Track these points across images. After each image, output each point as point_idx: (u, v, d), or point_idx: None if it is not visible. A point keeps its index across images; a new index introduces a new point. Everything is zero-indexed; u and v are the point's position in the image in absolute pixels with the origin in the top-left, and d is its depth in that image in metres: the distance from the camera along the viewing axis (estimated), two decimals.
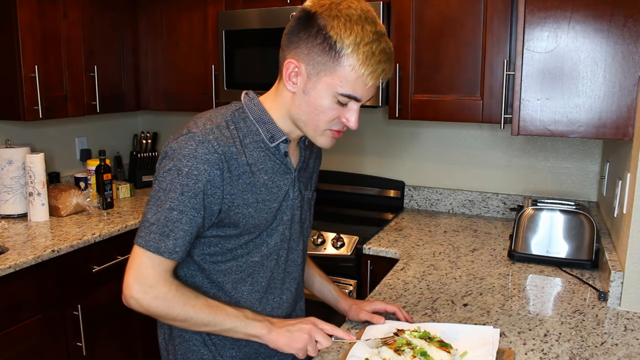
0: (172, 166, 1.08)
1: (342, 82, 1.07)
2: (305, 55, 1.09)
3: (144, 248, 1.09)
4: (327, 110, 1.11)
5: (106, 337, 2.45)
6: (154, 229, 1.08)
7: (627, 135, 1.68)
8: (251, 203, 1.15)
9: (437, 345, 1.23)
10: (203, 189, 1.08)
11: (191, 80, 2.89)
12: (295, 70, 1.10)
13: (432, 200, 2.79)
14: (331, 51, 1.06)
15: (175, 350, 1.28)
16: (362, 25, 1.06)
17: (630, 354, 1.35)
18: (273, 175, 1.18)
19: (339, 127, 1.15)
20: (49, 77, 2.49)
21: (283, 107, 1.16)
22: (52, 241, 2.21)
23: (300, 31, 1.09)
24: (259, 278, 1.23)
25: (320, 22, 1.06)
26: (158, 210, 1.09)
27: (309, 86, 1.10)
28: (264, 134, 1.17)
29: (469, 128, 2.68)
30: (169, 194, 1.08)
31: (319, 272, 1.53)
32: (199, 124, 1.12)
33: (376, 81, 1.09)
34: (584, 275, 1.88)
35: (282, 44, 1.13)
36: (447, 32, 2.29)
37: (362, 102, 1.12)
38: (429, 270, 1.92)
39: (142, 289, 1.09)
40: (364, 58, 1.05)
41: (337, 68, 1.07)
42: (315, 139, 1.16)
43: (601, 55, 1.69)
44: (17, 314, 2.03)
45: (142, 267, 1.09)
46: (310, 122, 1.13)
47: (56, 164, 2.91)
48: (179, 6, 2.85)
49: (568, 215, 1.98)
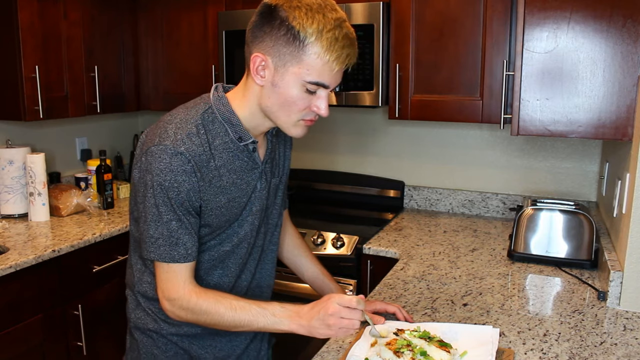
0: (153, 182, 1.12)
1: (309, 71, 1.10)
2: (271, 48, 1.10)
3: (159, 261, 1.16)
4: (297, 100, 1.13)
5: (106, 337, 2.46)
6: (161, 243, 1.15)
7: (627, 136, 1.69)
8: (223, 204, 1.20)
9: (436, 345, 1.23)
10: (186, 197, 1.14)
11: (191, 81, 2.89)
12: (262, 64, 1.12)
13: (432, 200, 2.79)
14: (295, 41, 1.08)
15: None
16: (323, 13, 1.08)
17: (630, 353, 1.36)
18: (241, 173, 1.22)
19: (311, 117, 1.17)
20: (50, 77, 2.49)
21: (252, 101, 1.18)
22: (52, 241, 2.22)
23: (264, 25, 1.11)
24: (229, 264, 1.27)
25: (282, 14, 1.08)
26: (157, 225, 1.14)
27: (277, 78, 1.12)
28: (232, 135, 1.19)
29: (468, 128, 2.68)
30: (161, 208, 1.13)
31: (322, 270, 1.55)
32: (170, 133, 1.14)
33: (342, 66, 1.11)
34: (583, 275, 1.88)
35: (247, 40, 1.15)
36: (447, 33, 2.29)
37: (330, 89, 1.14)
38: (429, 270, 1.93)
39: (169, 303, 1.17)
40: (328, 44, 1.08)
41: (303, 57, 1.09)
42: (289, 130, 1.19)
43: (600, 55, 1.69)
44: (18, 314, 2.04)
45: (163, 281, 1.17)
46: (282, 113, 1.15)
47: (57, 164, 2.92)
48: (179, 6, 2.86)
49: (567, 215, 1.98)
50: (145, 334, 1.31)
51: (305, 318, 1.15)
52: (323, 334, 1.15)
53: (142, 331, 1.31)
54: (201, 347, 1.30)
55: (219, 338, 1.31)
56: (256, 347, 1.41)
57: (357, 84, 2.39)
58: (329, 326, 1.13)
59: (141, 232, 1.17)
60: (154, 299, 1.26)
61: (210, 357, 1.31)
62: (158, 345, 1.30)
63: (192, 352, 1.30)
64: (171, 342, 1.29)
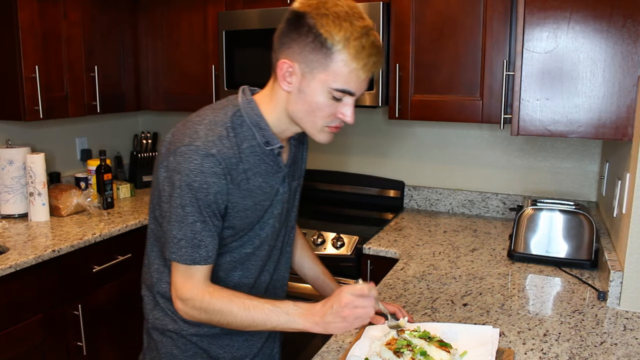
0: (182, 182, 1.12)
1: (335, 78, 1.10)
2: (298, 55, 1.11)
3: (179, 262, 1.16)
4: (323, 107, 1.14)
5: (106, 337, 2.46)
6: (183, 244, 1.14)
7: (627, 136, 1.69)
8: (249, 207, 1.20)
9: (436, 345, 1.23)
10: (214, 199, 1.14)
11: (191, 81, 2.89)
12: (289, 70, 1.13)
13: (432, 200, 2.79)
14: (323, 48, 1.09)
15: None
16: (350, 21, 1.08)
17: (630, 353, 1.36)
18: (266, 177, 1.22)
19: (336, 123, 1.18)
20: (50, 78, 2.49)
21: (279, 107, 1.19)
22: (52, 241, 2.22)
23: (291, 32, 1.12)
24: (250, 266, 1.28)
25: (310, 22, 1.09)
26: (182, 225, 1.14)
27: (303, 84, 1.13)
28: (260, 139, 1.20)
29: (468, 128, 2.68)
30: (187, 209, 1.13)
31: (323, 270, 1.56)
32: (201, 134, 1.14)
33: (368, 74, 1.12)
34: (583, 275, 1.88)
35: (274, 46, 1.16)
36: (447, 32, 2.29)
37: (356, 96, 1.15)
38: (429, 270, 1.93)
39: (183, 302, 1.17)
40: (355, 52, 1.08)
41: (330, 64, 1.10)
42: (314, 135, 1.19)
43: (600, 55, 1.69)
44: (18, 314, 2.04)
45: (179, 281, 1.17)
46: (308, 119, 1.16)
47: (57, 164, 2.92)
48: (179, 6, 2.86)
49: (567, 215, 1.98)
50: (164, 334, 1.31)
51: (319, 315, 1.14)
52: (339, 328, 1.14)
53: (160, 332, 1.31)
54: (220, 346, 1.31)
55: (236, 338, 1.32)
56: (270, 346, 1.43)
57: None
58: (344, 318, 1.12)
59: (164, 231, 1.17)
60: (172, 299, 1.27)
61: (229, 356, 1.33)
62: (178, 346, 1.30)
63: (211, 352, 1.31)
64: (191, 342, 1.30)
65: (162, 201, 1.17)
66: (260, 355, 1.39)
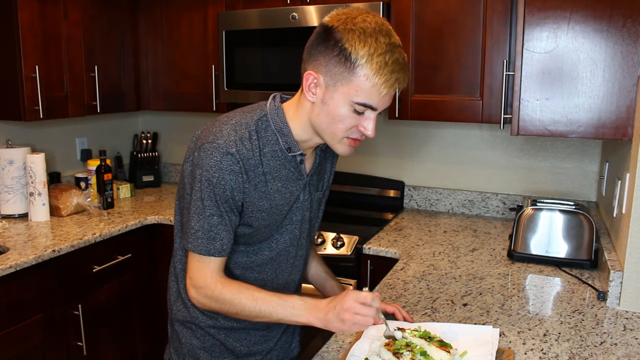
0: (202, 176, 1.18)
1: (357, 92, 1.13)
2: (324, 67, 1.15)
3: (195, 252, 1.21)
4: (344, 119, 1.17)
5: (106, 337, 2.46)
6: (200, 235, 1.20)
7: (627, 136, 1.69)
8: (266, 209, 1.24)
9: (436, 345, 1.23)
10: (230, 195, 1.19)
11: (191, 81, 2.89)
12: (314, 82, 1.17)
13: (432, 200, 2.79)
14: (347, 62, 1.12)
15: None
16: (375, 37, 1.12)
17: (630, 353, 1.36)
18: (286, 182, 1.26)
19: (356, 136, 1.21)
20: (50, 77, 2.49)
21: (304, 116, 1.23)
22: (52, 241, 2.22)
23: (319, 45, 1.16)
24: (267, 269, 1.33)
25: (337, 36, 1.13)
26: (200, 217, 1.20)
27: (327, 96, 1.17)
28: (282, 144, 1.24)
29: (468, 128, 2.68)
30: (205, 202, 1.19)
31: (325, 269, 1.58)
32: (224, 133, 1.19)
33: (390, 90, 1.14)
34: (583, 275, 1.88)
35: (304, 57, 1.20)
36: (447, 33, 2.29)
37: (378, 111, 1.18)
38: (429, 270, 1.93)
39: (196, 290, 1.24)
40: (377, 68, 1.11)
41: (353, 78, 1.13)
42: (334, 146, 1.23)
43: (600, 55, 1.69)
44: (18, 314, 2.04)
45: (193, 270, 1.23)
46: (329, 130, 1.20)
47: (57, 164, 2.92)
48: (179, 6, 2.86)
49: (567, 215, 1.98)
50: (184, 325, 1.36)
51: (322, 311, 1.18)
52: (337, 328, 1.18)
53: (181, 322, 1.37)
54: (236, 339, 1.35)
55: (254, 332, 1.36)
56: (287, 340, 1.46)
57: None
58: (343, 321, 1.16)
59: (184, 222, 1.23)
60: None
61: (245, 349, 1.37)
62: (197, 337, 1.35)
63: (228, 345, 1.35)
64: (208, 334, 1.35)
65: (185, 192, 1.23)
66: (278, 349, 1.43)
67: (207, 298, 1.23)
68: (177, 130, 3.42)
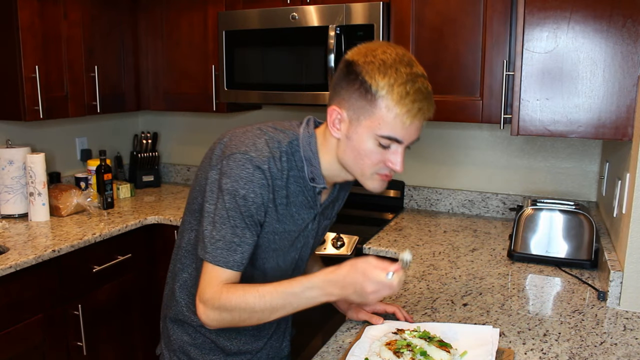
0: (230, 187, 1.15)
1: (380, 124, 1.11)
2: (346, 102, 1.14)
3: (213, 263, 1.16)
4: (370, 154, 1.15)
5: (106, 337, 2.46)
6: (220, 245, 1.16)
7: (627, 136, 1.69)
8: (279, 232, 1.23)
9: (436, 345, 1.23)
10: (256, 211, 1.16)
11: (191, 81, 2.89)
12: (338, 117, 1.16)
13: (432, 200, 2.79)
14: (367, 95, 1.11)
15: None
16: (396, 68, 1.10)
17: (630, 353, 1.36)
18: (300, 209, 1.25)
19: (385, 172, 1.18)
20: (50, 77, 2.49)
21: (332, 152, 1.21)
22: (52, 241, 2.22)
23: (342, 80, 1.15)
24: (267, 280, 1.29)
25: (357, 69, 1.12)
26: (222, 227, 1.16)
27: (351, 131, 1.15)
28: (307, 174, 1.22)
29: (468, 128, 2.68)
30: (230, 212, 1.15)
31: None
32: (258, 147, 1.16)
33: (414, 120, 1.11)
34: (583, 275, 1.88)
35: (329, 95, 1.19)
36: (447, 33, 2.29)
37: (405, 144, 1.15)
38: (429, 270, 1.93)
39: (204, 305, 1.18)
40: (398, 98, 1.09)
41: (375, 110, 1.11)
42: (364, 183, 1.21)
43: (600, 55, 1.69)
44: (18, 314, 2.04)
45: (204, 282, 1.18)
46: (356, 166, 1.18)
47: (57, 164, 2.92)
48: (179, 7, 2.86)
49: (567, 215, 1.98)
50: (176, 322, 1.37)
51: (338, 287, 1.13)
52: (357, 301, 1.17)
53: (173, 320, 1.37)
54: (227, 338, 1.35)
55: (244, 331, 1.36)
56: (278, 339, 1.46)
57: None
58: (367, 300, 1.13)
59: (202, 230, 1.19)
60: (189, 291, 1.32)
61: (235, 348, 1.36)
62: (188, 333, 1.35)
63: (219, 343, 1.35)
64: (199, 333, 1.34)
65: (206, 201, 1.19)
66: (268, 348, 1.43)
67: (215, 310, 1.17)
68: (177, 130, 3.42)
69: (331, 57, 2.35)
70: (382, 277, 1.10)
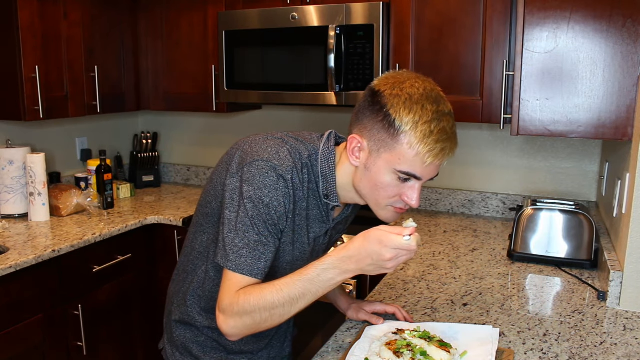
0: (252, 194, 1.13)
1: (400, 160, 1.10)
2: (368, 132, 1.13)
3: (236, 272, 1.13)
4: (387, 187, 1.14)
5: (106, 337, 2.46)
6: (244, 253, 1.13)
7: (627, 136, 1.69)
8: (291, 242, 1.22)
9: (436, 345, 1.23)
10: (278, 219, 1.15)
11: (191, 81, 2.89)
12: (358, 146, 1.15)
13: (431, 200, 2.79)
14: (390, 129, 1.09)
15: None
16: (422, 104, 1.08)
17: (630, 353, 1.36)
18: (313, 222, 1.24)
19: (401, 205, 1.18)
20: (50, 77, 2.49)
21: (348, 176, 1.19)
22: (52, 241, 2.22)
23: (366, 109, 1.13)
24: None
25: (383, 101, 1.10)
26: (245, 235, 1.13)
27: (370, 162, 1.14)
28: (322, 189, 1.21)
29: (468, 128, 2.68)
30: (254, 220, 1.13)
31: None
32: (282, 156, 1.15)
33: (435, 160, 1.09)
34: (583, 275, 1.88)
35: (351, 120, 1.18)
36: (447, 33, 2.29)
37: (423, 181, 1.14)
38: (429, 270, 1.93)
39: (223, 314, 1.14)
40: (421, 136, 1.07)
41: (396, 146, 1.09)
42: (378, 212, 1.20)
43: (600, 55, 1.69)
44: (18, 314, 2.04)
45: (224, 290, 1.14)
46: (372, 196, 1.17)
47: (57, 164, 2.92)
48: (179, 6, 2.86)
49: (567, 215, 1.98)
50: (180, 321, 1.37)
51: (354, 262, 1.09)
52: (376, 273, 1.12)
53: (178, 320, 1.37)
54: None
55: None
56: (280, 339, 1.46)
57: (357, 84, 2.39)
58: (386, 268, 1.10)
59: (222, 238, 1.16)
60: (195, 293, 1.31)
61: (237, 348, 1.36)
62: (191, 331, 1.36)
63: (221, 342, 1.35)
64: (202, 333, 1.35)
65: (226, 208, 1.16)
66: (269, 348, 1.43)
67: (235, 316, 1.13)
68: (177, 130, 3.42)
69: (331, 57, 2.35)
70: (400, 241, 1.06)
